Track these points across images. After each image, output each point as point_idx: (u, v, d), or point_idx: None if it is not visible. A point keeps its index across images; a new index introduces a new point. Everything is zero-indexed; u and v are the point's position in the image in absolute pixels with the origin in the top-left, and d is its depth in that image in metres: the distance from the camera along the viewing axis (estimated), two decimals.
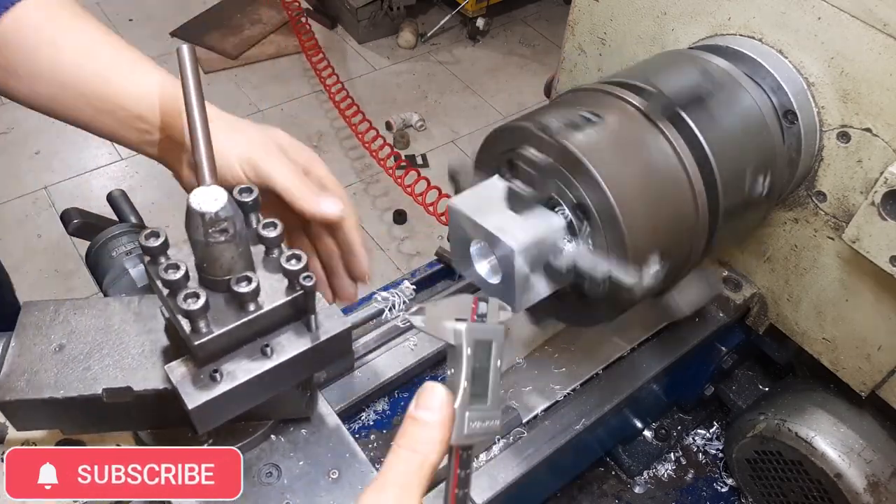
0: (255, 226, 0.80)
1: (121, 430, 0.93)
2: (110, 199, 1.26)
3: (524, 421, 1.08)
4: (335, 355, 0.83)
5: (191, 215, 0.71)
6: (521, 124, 0.93)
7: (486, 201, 0.91)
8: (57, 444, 0.93)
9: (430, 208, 3.35)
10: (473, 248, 0.92)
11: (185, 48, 0.82)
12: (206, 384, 0.74)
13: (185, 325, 0.73)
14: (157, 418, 0.87)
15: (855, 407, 1.24)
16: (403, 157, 3.97)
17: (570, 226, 0.90)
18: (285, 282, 0.77)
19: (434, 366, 1.18)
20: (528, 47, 4.92)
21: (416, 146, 4.13)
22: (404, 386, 1.22)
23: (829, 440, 1.21)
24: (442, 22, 4.80)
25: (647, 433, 1.48)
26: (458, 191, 0.98)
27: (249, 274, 0.74)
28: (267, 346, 0.77)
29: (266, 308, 0.75)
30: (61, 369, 0.81)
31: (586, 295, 0.94)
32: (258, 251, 0.80)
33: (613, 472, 1.46)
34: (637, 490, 1.44)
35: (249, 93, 4.35)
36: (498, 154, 0.98)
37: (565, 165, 0.87)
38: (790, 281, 1.20)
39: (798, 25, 1.01)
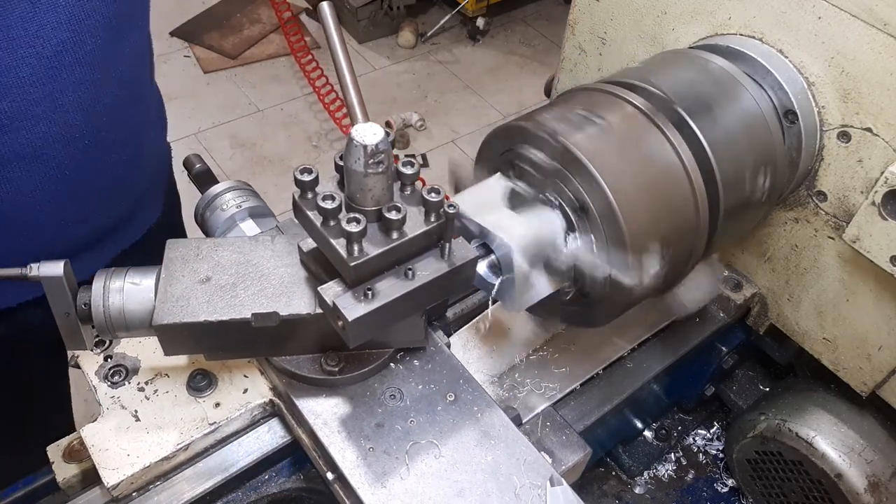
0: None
1: (260, 356, 1.00)
2: (188, 162, 1.38)
3: (524, 421, 1.08)
4: (463, 281, 0.90)
5: (352, 148, 0.78)
6: (522, 124, 0.93)
7: (486, 200, 0.91)
8: (189, 376, 1.00)
9: None
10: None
11: (325, 6, 0.92)
12: (361, 300, 0.82)
13: (341, 248, 0.80)
14: (295, 344, 0.95)
15: (855, 407, 1.24)
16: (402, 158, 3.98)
17: (569, 225, 0.90)
18: (423, 213, 0.84)
19: None
20: (528, 47, 4.92)
21: (416, 146, 4.13)
22: None
23: (830, 440, 1.21)
24: (442, 21, 4.80)
25: (648, 433, 1.48)
26: (457, 190, 0.98)
27: (397, 203, 0.82)
28: (410, 269, 0.85)
29: (410, 235, 0.83)
30: (211, 297, 0.90)
31: (587, 294, 0.94)
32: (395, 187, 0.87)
33: (613, 473, 1.46)
34: (637, 490, 1.44)
35: (249, 92, 4.35)
36: (498, 153, 0.98)
37: (566, 165, 0.87)
38: (790, 281, 1.20)
39: (798, 25, 1.01)
